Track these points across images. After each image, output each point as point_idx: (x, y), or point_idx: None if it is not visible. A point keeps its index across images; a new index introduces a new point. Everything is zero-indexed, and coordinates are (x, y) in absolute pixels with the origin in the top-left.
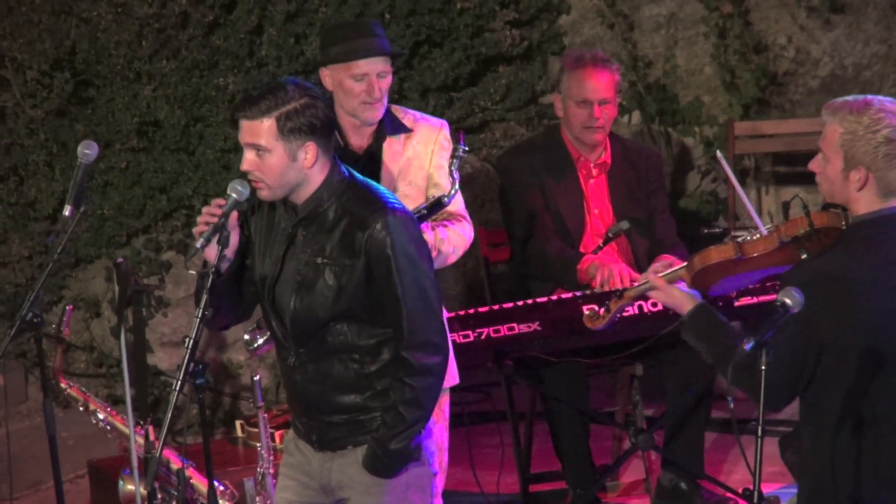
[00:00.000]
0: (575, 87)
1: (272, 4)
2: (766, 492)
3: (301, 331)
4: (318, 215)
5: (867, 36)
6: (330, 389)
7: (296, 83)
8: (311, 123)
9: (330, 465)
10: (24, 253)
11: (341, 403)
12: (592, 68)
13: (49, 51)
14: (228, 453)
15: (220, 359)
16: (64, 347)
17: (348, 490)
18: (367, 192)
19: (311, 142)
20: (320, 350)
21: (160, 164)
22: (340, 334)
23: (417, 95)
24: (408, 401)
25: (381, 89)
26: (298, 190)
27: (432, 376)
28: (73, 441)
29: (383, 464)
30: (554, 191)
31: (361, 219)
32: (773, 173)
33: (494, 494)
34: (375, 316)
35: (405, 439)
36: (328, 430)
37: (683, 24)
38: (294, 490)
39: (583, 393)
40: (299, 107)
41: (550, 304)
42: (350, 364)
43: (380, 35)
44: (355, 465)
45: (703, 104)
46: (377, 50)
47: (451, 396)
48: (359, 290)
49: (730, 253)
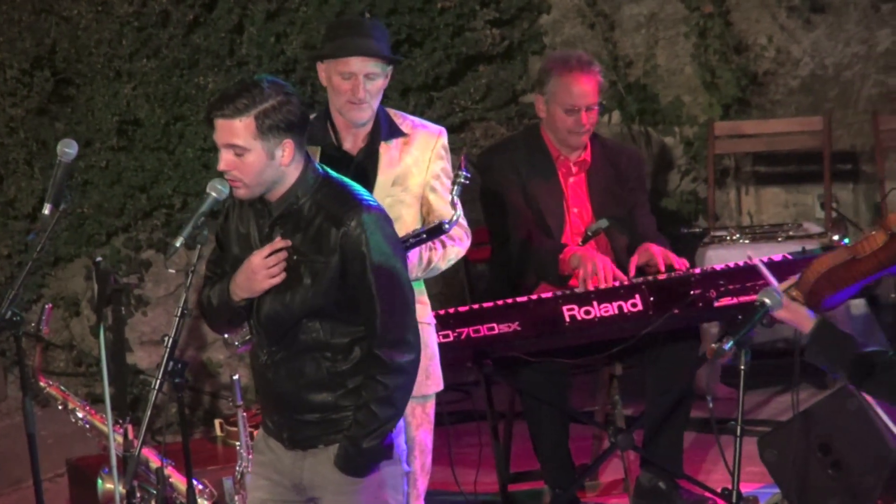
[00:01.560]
0: (562, 94)
1: (253, 3)
2: (744, 491)
3: (274, 327)
4: (293, 212)
5: (848, 36)
6: (302, 388)
7: (270, 80)
8: (289, 121)
9: (301, 464)
10: (4, 251)
11: (313, 402)
12: (579, 73)
13: (29, 49)
14: (208, 452)
15: (200, 358)
16: (43, 346)
17: (320, 490)
18: (342, 189)
19: (288, 139)
20: (293, 348)
21: (140, 162)
22: (313, 332)
23: (398, 94)
24: (380, 399)
25: (369, 91)
26: (274, 187)
27: (405, 374)
28: (52, 440)
29: (356, 462)
30: (534, 189)
31: (336, 216)
32: (753, 173)
33: (473, 494)
34: (348, 314)
35: (378, 437)
36: (300, 429)
37: (664, 23)
38: (266, 489)
39: (562, 393)
40: (276, 104)
41: (531, 304)
42: (322, 362)
43: (376, 37)
44: (327, 463)
45: (684, 104)
46: (367, 50)
47: None
48: (333, 286)
49: (843, 255)
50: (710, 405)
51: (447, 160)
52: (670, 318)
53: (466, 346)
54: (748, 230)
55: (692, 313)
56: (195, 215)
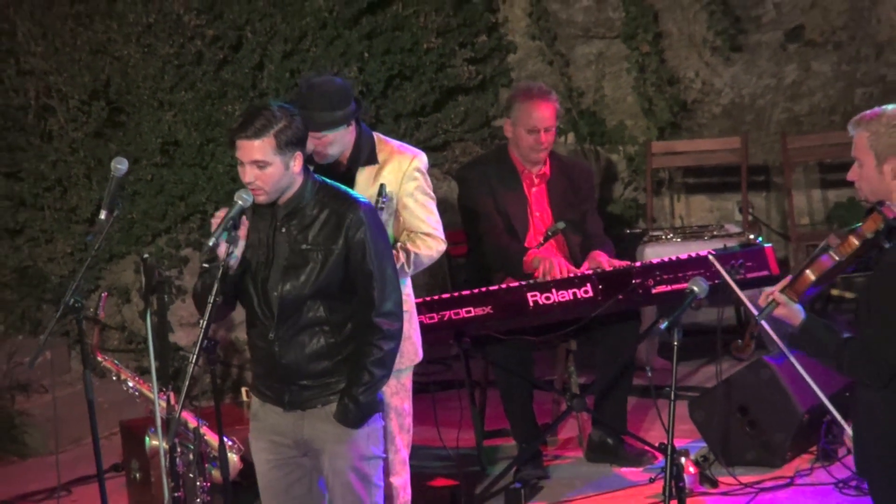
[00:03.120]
0: (524, 117)
1: (271, 45)
2: (678, 446)
3: (286, 308)
4: (299, 211)
5: (761, 70)
6: (304, 358)
7: (277, 105)
8: (297, 136)
9: (301, 423)
10: (68, 250)
11: (313, 370)
12: (539, 101)
13: (87, 83)
14: (235, 415)
15: (229, 337)
16: (100, 327)
17: (320, 441)
18: (338, 190)
19: (298, 151)
20: (298, 325)
21: (179, 176)
22: (316, 310)
23: (391, 120)
24: (375, 360)
25: (327, 148)
26: (285, 192)
27: (394, 340)
28: (107, 405)
29: (353, 414)
30: (503, 198)
31: (339, 211)
32: (683, 184)
33: (455, 448)
34: (345, 293)
35: (372, 393)
36: (301, 393)
37: (610, 60)
38: (269, 450)
39: (527, 365)
40: (287, 123)
41: (501, 292)
42: (322, 336)
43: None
44: (326, 419)
45: (626, 127)
46: (315, 126)
47: (419, 368)
48: (338, 269)
49: (829, 262)
50: (649, 374)
51: (423, 180)
52: (616, 303)
53: (448, 327)
54: (680, 231)
55: (634, 298)
56: (224, 220)
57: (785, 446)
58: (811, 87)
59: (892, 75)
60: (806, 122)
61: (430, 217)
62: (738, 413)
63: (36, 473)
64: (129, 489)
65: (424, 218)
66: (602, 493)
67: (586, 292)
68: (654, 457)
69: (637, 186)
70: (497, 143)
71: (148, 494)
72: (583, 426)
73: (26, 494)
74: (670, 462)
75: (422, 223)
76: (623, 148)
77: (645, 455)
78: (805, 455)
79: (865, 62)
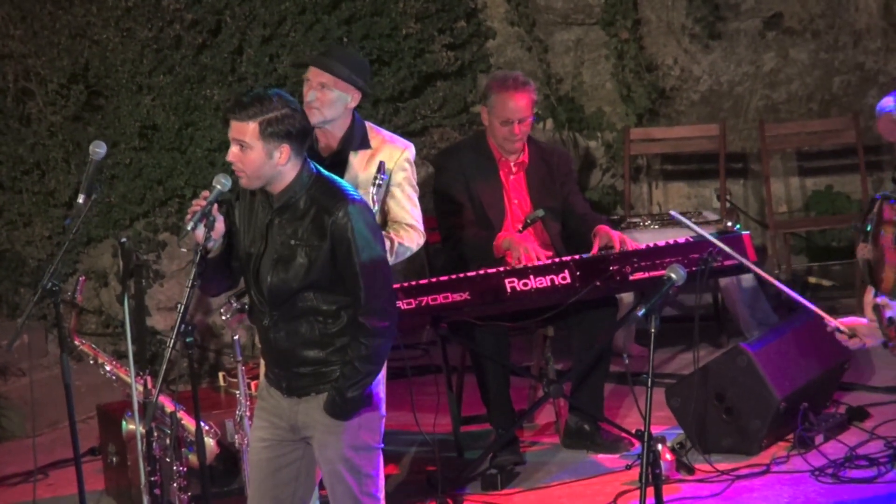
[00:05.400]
0: (499, 108)
1: (250, 30)
2: (654, 432)
3: (276, 298)
4: (291, 205)
5: (739, 58)
6: (298, 345)
7: (280, 95)
8: (288, 131)
9: (297, 409)
10: (45, 233)
11: (307, 357)
12: (514, 92)
13: (66, 67)
14: (212, 399)
15: (206, 321)
16: (77, 311)
17: (311, 429)
18: (332, 185)
19: (286, 145)
20: (291, 313)
21: (157, 160)
22: (308, 300)
23: (370, 105)
24: (362, 357)
25: (318, 98)
26: (273, 183)
27: (383, 337)
28: (84, 388)
29: (341, 408)
30: (479, 186)
31: (327, 207)
32: (661, 171)
33: (431, 434)
34: (337, 286)
35: (359, 388)
36: (296, 380)
37: (589, 47)
38: (266, 430)
39: (504, 350)
40: (280, 116)
41: (478, 278)
42: (315, 325)
43: (339, 59)
44: (318, 408)
45: (605, 113)
46: (319, 63)
47: (395, 353)
48: (325, 265)
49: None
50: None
51: (411, 172)
52: (593, 289)
53: (425, 312)
54: (658, 217)
55: (611, 285)
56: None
57: (761, 434)
58: (789, 74)
59: (869, 63)
60: (784, 110)
61: (415, 210)
62: (714, 400)
63: (13, 456)
64: (106, 473)
65: (409, 210)
66: (578, 479)
67: (564, 279)
68: (630, 443)
69: (615, 173)
70: (475, 129)
71: (124, 478)
72: (559, 412)
73: (3, 477)
74: (647, 449)
75: (406, 214)
76: (601, 134)
77: (621, 441)
78: (781, 443)
79: (843, 50)
